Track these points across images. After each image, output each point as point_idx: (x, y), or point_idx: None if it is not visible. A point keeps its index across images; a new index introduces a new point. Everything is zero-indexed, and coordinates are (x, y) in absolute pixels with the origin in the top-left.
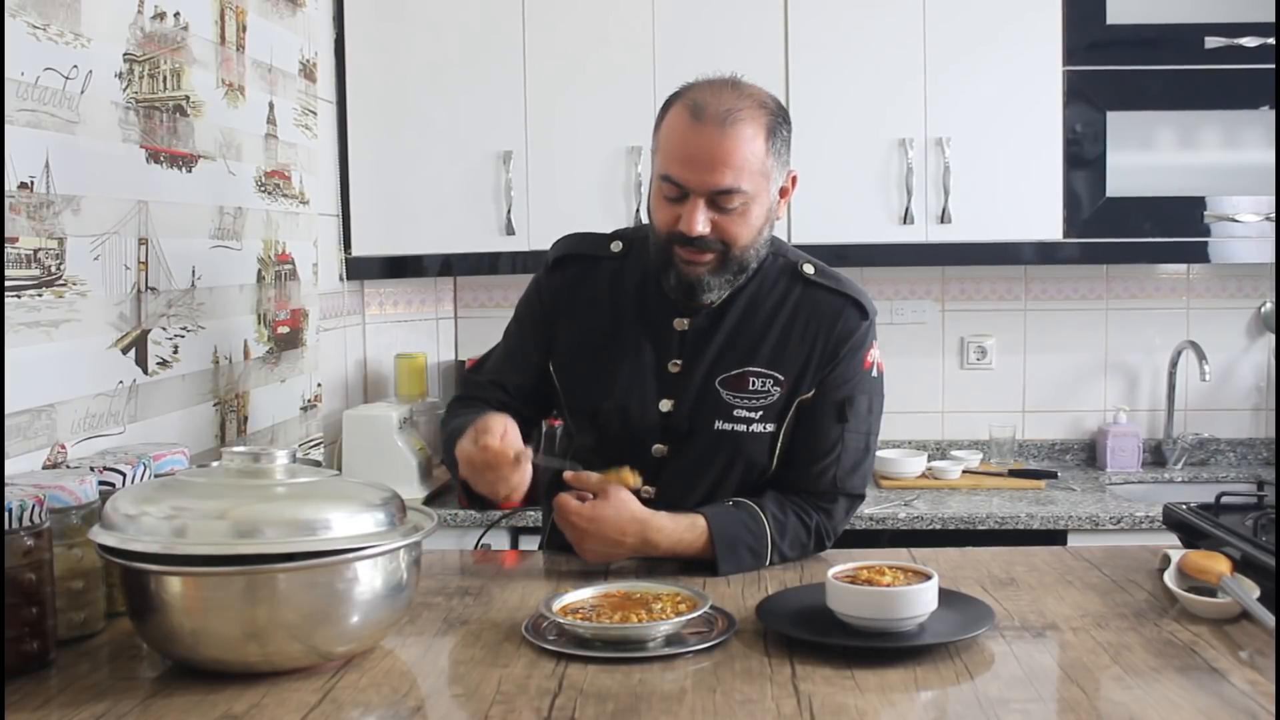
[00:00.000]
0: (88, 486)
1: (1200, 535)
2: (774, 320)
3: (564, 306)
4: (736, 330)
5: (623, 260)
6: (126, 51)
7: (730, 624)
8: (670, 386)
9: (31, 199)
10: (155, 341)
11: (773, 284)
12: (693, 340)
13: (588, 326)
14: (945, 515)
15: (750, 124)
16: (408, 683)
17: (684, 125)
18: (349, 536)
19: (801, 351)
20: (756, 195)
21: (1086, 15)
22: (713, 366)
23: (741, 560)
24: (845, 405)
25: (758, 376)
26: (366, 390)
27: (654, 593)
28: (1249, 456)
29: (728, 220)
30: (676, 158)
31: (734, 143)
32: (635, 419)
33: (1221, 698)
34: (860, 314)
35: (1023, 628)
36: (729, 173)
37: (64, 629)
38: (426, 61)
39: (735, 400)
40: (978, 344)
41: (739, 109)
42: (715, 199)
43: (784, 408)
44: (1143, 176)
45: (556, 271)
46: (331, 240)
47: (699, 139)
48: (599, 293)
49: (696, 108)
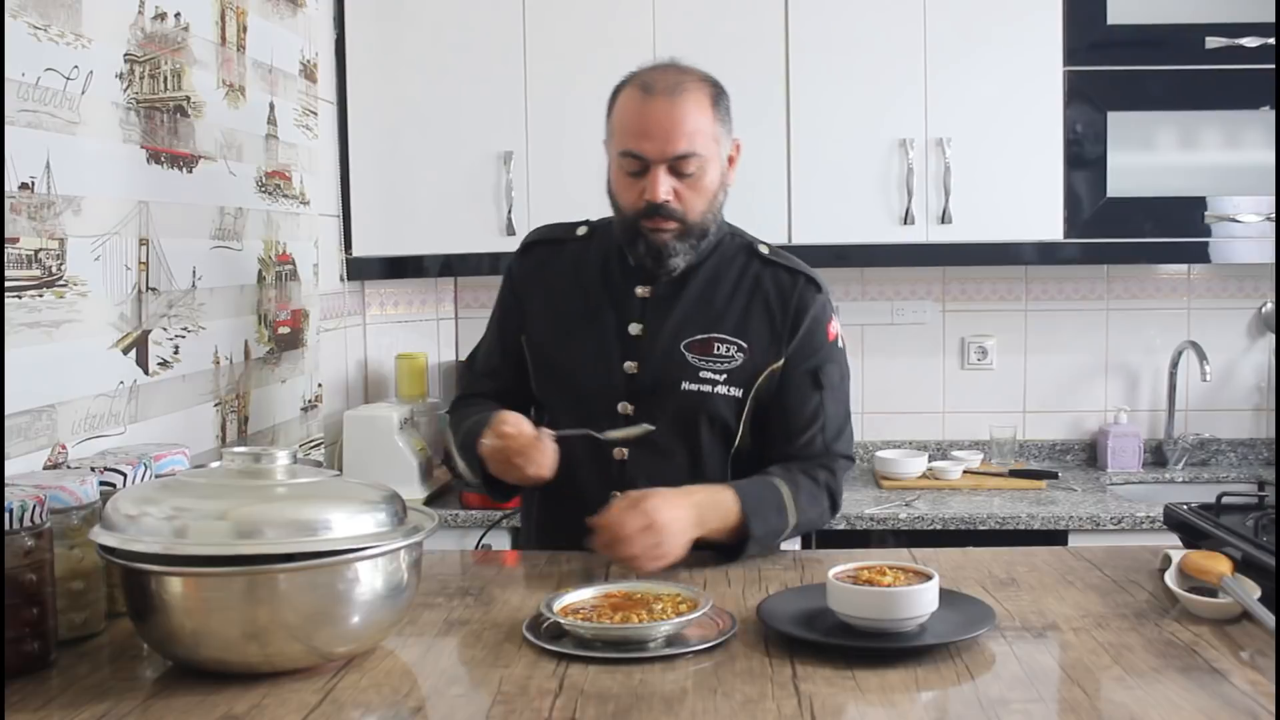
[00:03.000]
0: (88, 487)
1: (1201, 535)
2: (736, 292)
3: (533, 287)
4: (700, 299)
5: (588, 241)
6: (127, 52)
7: (731, 624)
8: (633, 349)
9: (32, 199)
10: (156, 342)
11: (731, 259)
12: (654, 306)
13: (555, 302)
14: (946, 515)
15: (696, 93)
16: (408, 683)
17: (637, 102)
18: (350, 537)
19: (764, 322)
20: (710, 159)
21: (1087, 15)
22: (678, 331)
23: (769, 520)
24: (818, 373)
25: (722, 342)
26: (367, 391)
27: (654, 593)
28: (1250, 457)
29: (687, 188)
30: (634, 133)
31: (685, 110)
32: (600, 379)
33: (1222, 698)
34: (816, 288)
35: (1023, 628)
36: (684, 138)
37: (65, 630)
38: (427, 62)
39: (701, 363)
40: (978, 344)
41: (684, 82)
42: (675, 165)
43: (751, 375)
44: (1143, 177)
45: (525, 256)
46: (332, 241)
47: (653, 111)
48: (565, 270)
49: (646, 85)
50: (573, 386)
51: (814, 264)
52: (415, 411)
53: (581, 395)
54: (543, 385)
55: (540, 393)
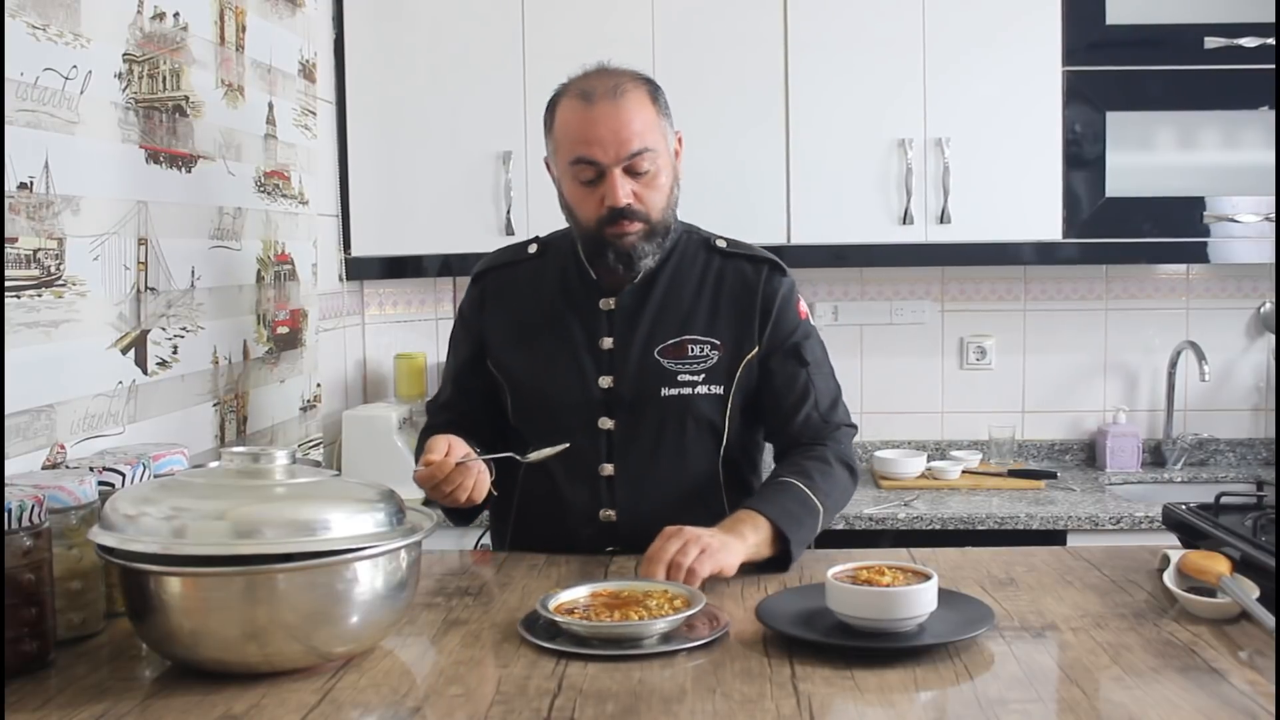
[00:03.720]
0: (87, 487)
1: (1200, 535)
2: (701, 291)
3: (488, 313)
4: (664, 304)
5: (541, 259)
6: (126, 52)
7: (725, 620)
8: (606, 364)
9: (31, 199)
10: (155, 342)
11: (692, 258)
12: (621, 318)
13: (516, 321)
14: (945, 515)
15: (635, 91)
16: (407, 683)
17: (579, 111)
18: (348, 537)
19: (733, 315)
20: (660, 153)
21: (1086, 15)
22: (649, 340)
23: (797, 515)
24: (799, 350)
25: (695, 343)
26: (366, 390)
27: (644, 590)
28: (1248, 457)
29: (644, 187)
30: (583, 140)
31: (630, 110)
32: (577, 397)
33: (1221, 698)
34: (779, 272)
35: (1022, 628)
36: (634, 136)
37: (63, 629)
38: (426, 62)
39: (677, 366)
40: (977, 344)
41: (622, 83)
42: (630, 166)
43: (729, 369)
44: (1142, 177)
45: (474, 286)
46: (331, 240)
47: (599, 115)
48: (521, 290)
49: (585, 93)
50: (549, 408)
51: (813, 264)
52: (414, 411)
53: (559, 415)
54: (519, 410)
55: (517, 419)
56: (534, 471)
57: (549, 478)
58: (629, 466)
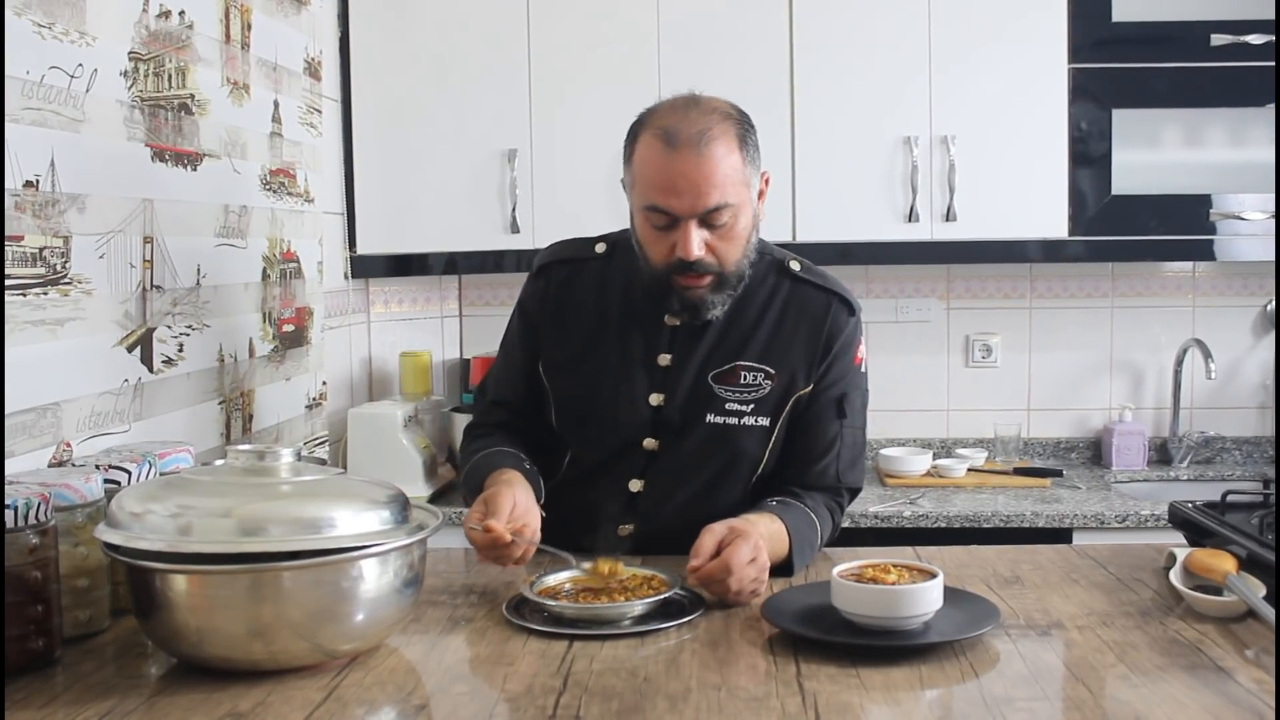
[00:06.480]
0: (93, 484)
1: (1206, 533)
2: (764, 315)
3: (550, 311)
4: (727, 326)
5: (608, 261)
6: (131, 50)
7: (701, 600)
8: (660, 381)
9: (37, 197)
10: (160, 340)
11: (761, 280)
12: (683, 335)
13: (575, 327)
14: (950, 513)
15: (723, 139)
16: (412, 681)
17: (659, 154)
18: (354, 535)
19: (794, 346)
20: (742, 205)
21: (1092, 13)
22: (706, 361)
23: (806, 555)
24: (842, 402)
25: (748, 370)
26: (371, 388)
27: (620, 574)
28: (1254, 455)
29: (719, 239)
30: (659, 188)
31: (714, 163)
32: (625, 414)
33: (1227, 696)
34: (848, 310)
35: (1028, 626)
36: (714, 192)
37: (69, 627)
38: (431, 59)
39: (727, 394)
40: (983, 342)
41: (709, 128)
42: (705, 218)
43: (779, 402)
44: (1148, 174)
45: (540, 278)
46: (336, 238)
47: (679, 165)
48: (585, 293)
49: (668, 135)
50: (595, 420)
51: (818, 261)
52: (419, 409)
53: (605, 430)
54: (563, 417)
55: (560, 425)
56: (570, 483)
57: (584, 495)
58: (658, 485)
